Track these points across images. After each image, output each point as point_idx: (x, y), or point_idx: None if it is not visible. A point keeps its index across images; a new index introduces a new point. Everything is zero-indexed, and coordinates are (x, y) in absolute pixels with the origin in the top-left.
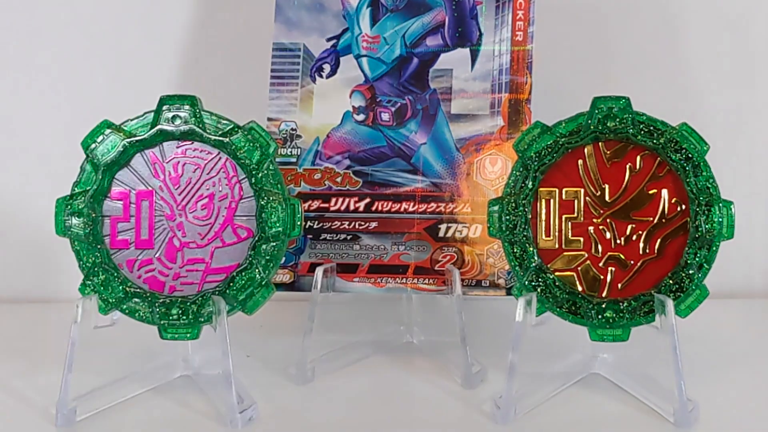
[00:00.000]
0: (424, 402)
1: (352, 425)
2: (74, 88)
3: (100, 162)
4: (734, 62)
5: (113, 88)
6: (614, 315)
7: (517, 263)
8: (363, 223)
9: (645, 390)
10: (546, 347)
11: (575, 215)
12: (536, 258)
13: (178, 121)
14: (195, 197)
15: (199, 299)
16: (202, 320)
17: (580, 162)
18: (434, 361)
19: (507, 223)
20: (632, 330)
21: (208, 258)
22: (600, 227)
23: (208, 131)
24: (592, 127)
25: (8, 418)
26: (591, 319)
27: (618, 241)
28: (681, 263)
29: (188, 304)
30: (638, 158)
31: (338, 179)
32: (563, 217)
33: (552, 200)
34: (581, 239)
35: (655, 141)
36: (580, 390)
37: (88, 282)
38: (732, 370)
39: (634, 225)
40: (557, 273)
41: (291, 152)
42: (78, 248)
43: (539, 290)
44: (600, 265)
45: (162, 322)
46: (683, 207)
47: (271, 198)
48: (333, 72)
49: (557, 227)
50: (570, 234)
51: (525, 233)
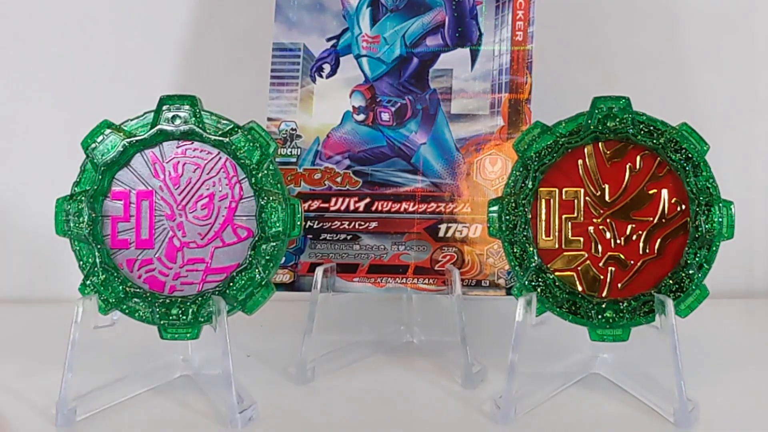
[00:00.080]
0: (424, 402)
1: (352, 425)
2: (74, 88)
3: (100, 162)
4: (734, 62)
5: (113, 88)
6: (614, 315)
7: (517, 263)
8: (363, 223)
9: (645, 390)
10: (546, 347)
11: (575, 215)
12: (536, 258)
13: (178, 121)
14: (195, 197)
15: (199, 299)
16: (202, 320)
17: (580, 162)
18: (434, 361)
19: (507, 223)
20: (632, 330)
21: (208, 258)
22: (600, 227)
23: (208, 131)
24: (592, 127)
25: (8, 418)
26: (591, 319)
27: (618, 241)
28: (681, 263)
29: (188, 304)
30: (638, 158)
31: (338, 179)
32: (563, 217)
33: (552, 200)
34: (581, 239)
35: (655, 141)
36: (580, 390)
37: (88, 282)
38: (732, 370)
39: (634, 225)
40: (557, 273)
41: (291, 152)
42: (78, 248)
43: (539, 290)
44: (600, 265)
45: (162, 322)
46: (683, 207)
47: (271, 198)
48: (333, 72)
49: (557, 227)
50: (570, 234)
51: (525, 233)
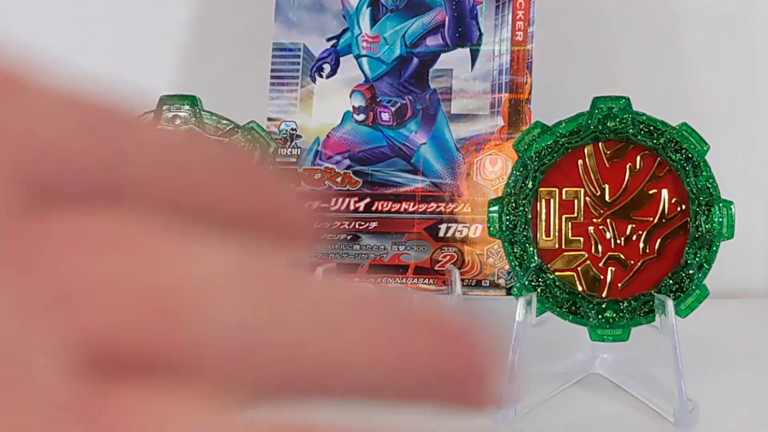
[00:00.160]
0: None
1: (352, 425)
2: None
3: None
4: (734, 62)
5: (113, 88)
6: (614, 315)
7: (517, 263)
8: (363, 223)
9: (645, 390)
10: (546, 347)
11: (575, 215)
12: (536, 258)
13: (178, 121)
14: None
15: None
16: None
17: (580, 162)
18: None
19: (507, 223)
20: (632, 330)
21: None
22: (600, 227)
23: (208, 131)
24: (592, 127)
25: None
26: (591, 319)
27: (618, 241)
28: (681, 263)
29: None
30: (638, 158)
31: (338, 179)
32: (563, 217)
33: (552, 200)
34: (581, 239)
35: (655, 141)
36: (580, 390)
37: None
38: (732, 370)
39: (634, 225)
40: (557, 273)
41: (291, 152)
42: None
43: (539, 290)
44: (600, 265)
45: None
46: (683, 207)
47: None
48: (333, 72)
49: (557, 227)
50: (570, 234)
51: (525, 233)
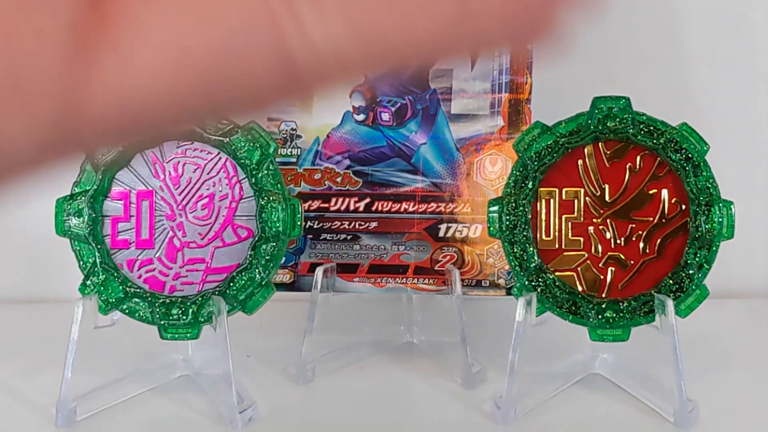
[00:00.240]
0: (424, 402)
1: (352, 425)
2: None
3: (100, 162)
4: (734, 62)
5: None
6: (614, 315)
7: (517, 263)
8: (363, 223)
9: (645, 390)
10: (546, 347)
11: (575, 215)
12: (536, 258)
13: None
14: (195, 197)
15: (199, 299)
16: (202, 320)
17: (580, 162)
18: (434, 361)
19: (507, 223)
20: (632, 330)
21: (209, 258)
22: (600, 227)
23: (208, 131)
24: (592, 127)
25: (8, 418)
26: (591, 319)
27: (618, 241)
28: (681, 263)
29: (188, 304)
30: (638, 158)
31: (338, 179)
32: (563, 217)
33: (552, 200)
34: (581, 239)
35: (655, 141)
36: (580, 390)
37: (88, 282)
38: (732, 370)
39: (634, 225)
40: (557, 273)
41: (291, 152)
42: (78, 248)
43: (539, 290)
44: (600, 265)
45: (162, 322)
46: (683, 207)
47: (271, 198)
48: None
49: (557, 227)
50: (570, 234)
51: (525, 233)
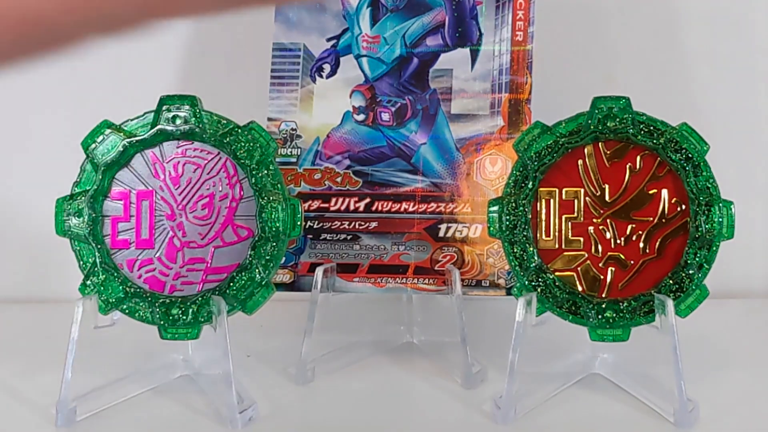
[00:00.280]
0: (424, 402)
1: (352, 425)
2: (74, 88)
3: (100, 162)
4: (734, 62)
5: (113, 88)
6: (614, 315)
7: (517, 263)
8: (363, 223)
9: (645, 390)
10: (546, 347)
11: (575, 215)
12: (536, 258)
13: (178, 121)
14: (195, 197)
15: (199, 299)
16: (202, 320)
17: (580, 162)
18: (434, 361)
19: (507, 223)
20: (632, 330)
21: (209, 258)
22: (600, 227)
23: (208, 131)
24: (592, 127)
25: (8, 418)
26: (591, 319)
27: (618, 241)
28: (681, 263)
29: (188, 304)
30: (638, 158)
31: (338, 179)
32: (563, 217)
33: (552, 200)
34: (581, 239)
35: (655, 141)
36: (580, 390)
37: (88, 282)
38: (732, 370)
39: (634, 225)
40: (557, 273)
41: (291, 152)
42: (78, 248)
43: (539, 290)
44: (600, 265)
45: (162, 322)
46: (683, 207)
47: (271, 198)
48: (333, 72)
49: (557, 227)
50: (570, 234)
51: (525, 233)
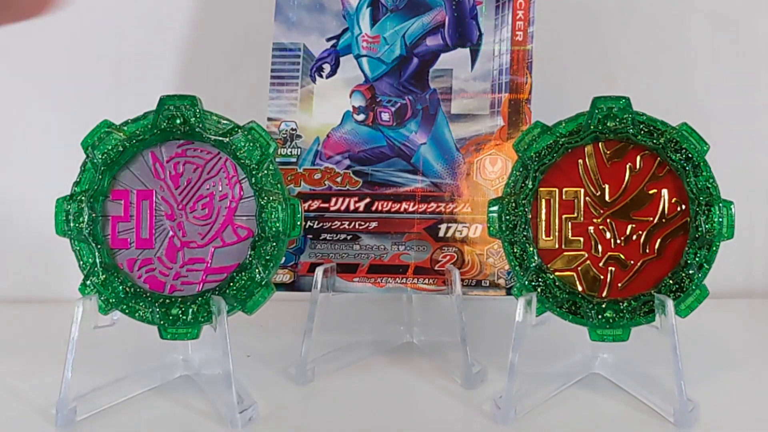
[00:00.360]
0: (424, 402)
1: (352, 425)
2: (74, 88)
3: (100, 162)
4: (734, 62)
5: (113, 88)
6: (614, 315)
7: (517, 263)
8: (363, 223)
9: (645, 390)
10: (546, 347)
11: (575, 215)
12: (536, 258)
13: (178, 121)
14: (195, 197)
15: (199, 299)
16: (202, 320)
17: (580, 162)
18: (434, 361)
19: (507, 223)
20: (632, 330)
21: (208, 258)
22: (600, 227)
23: (208, 131)
24: (592, 127)
25: (8, 418)
26: (591, 319)
27: (618, 241)
28: (681, 263)
29: (188, 304)
30: (638, 158)
31: (338, 179)
32: (563, 217)
33: (552, 200)
34: (581, 239)
35: (655, 141)
36: (580, 390)
37: (88, 282)
38: (732, 370)
39: (634, 225)
40: (557, 273)
41: (291, 152)
42: (78, 248)
43: (539, 290)
44: (600, 265)
45: (162, 322)
46: (683, 207)
47: (271, 198)
48: (333, 72)
49: (557, 227)
50: (570, 234)
51: (525, 233)
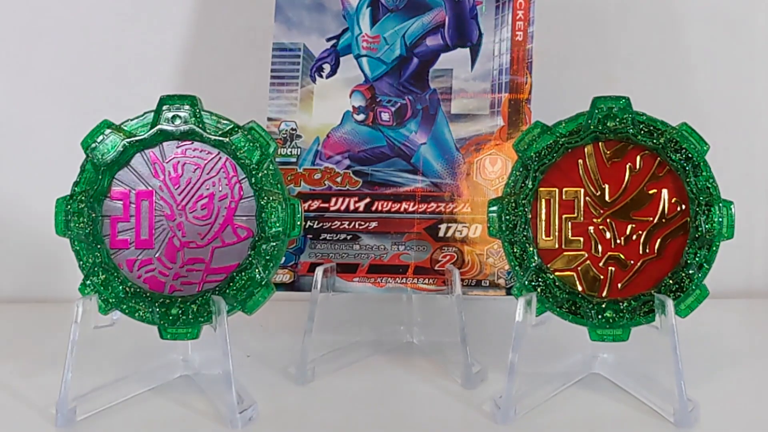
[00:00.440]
0: (424, 402)
1: (352, 425)
2: (74, 88)
3: (100, 162)
4: (734, 62)
5: (113, 88)
6: (614, 315)
7: (517, 263)
8: (363, 223)
9: (645, 390)
10: (546, 347)
11: (575, 215)
12: (536, 258)
13: (178, 121)
14: (195, 197)
15: (199, 299)
16: (202, 320)
17: (580, 162)
18: (434, 361)
19: (507, 223)
20: (632, 330)
21: (208, 258)
22: (600, 227)
23: (208, 131)
24: (592, 127)
25: (8, 418)
26: (591, 319)
27: (618, 241)
28: (681, 263)
29: (188, 304)
30: (638, 158)
31: (338, 179)
32: (563, 217)
33: (552, 200)
34: (581, 239)
35: (655, 141)
36: (580, 390)
37: (88, 282)
38: (732, 370)
39: (634, 225)
40: (557, 273)
41: (291, 152)
42: (78, 248)
43: (539, 290)
44: (600, 265)
45: (162, 322)
46: (683, 207)
47: (271, 198)
48: (333, 72)
49: (557, 227)
50: (570, 234)
51: (525, 233)
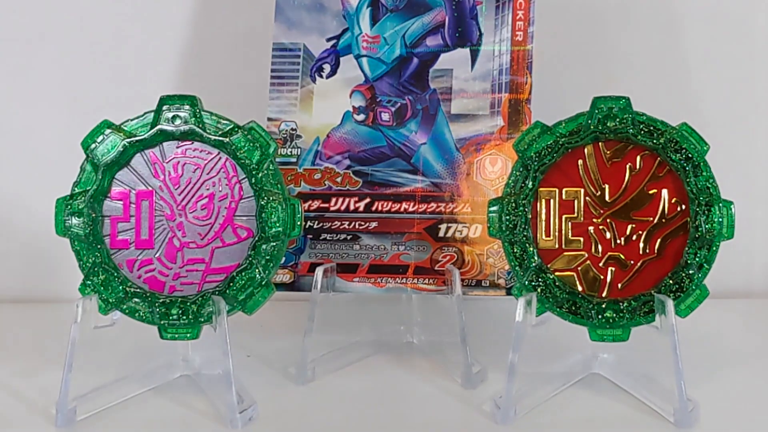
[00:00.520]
0: (424, 402)
1: (352, 425)
2: (74, 88)
3: (100, 162)
4: (734, 62)
5: (113, 88)
6: (614, 315)
7: (517, 263)
8: (363, 223)
9: (645, 390)
10: (546, 347)
11: (575, 215)
12: (536, 258)
13: (178, 121)
14: (195, 197)
15: (199, 299)
16: (202, 320)
17: (580, 162)
18: (434, 361)
19: (507, 223)
20: (632, 330)
21: (208, 258)
22: (600, 227)
23: (208, 131)
24: (592, 127)
25: (8, 418)
26: (591, 319)
27: (618, 241)
28: (681, 263)
29: (188, 304)
30: (638, 158)
31: (338, 179)
32: (563, 217)
33: (552, 200)
34: (581, 239)
35: (655, 141)
36: (580, 390)
37: (88, 282)
38: (732, 370)
39: (634, 225)
40: (557, 273)
41: (291, 152)
42: (78, 248)
43: (539, 290)
44: (600, 265)
45: (162, 322)
46: (683, 207)
47: (271, 198)
48: (333, 72)
49: (557, 227)
50: (570, 234)
51: (525, 233)
